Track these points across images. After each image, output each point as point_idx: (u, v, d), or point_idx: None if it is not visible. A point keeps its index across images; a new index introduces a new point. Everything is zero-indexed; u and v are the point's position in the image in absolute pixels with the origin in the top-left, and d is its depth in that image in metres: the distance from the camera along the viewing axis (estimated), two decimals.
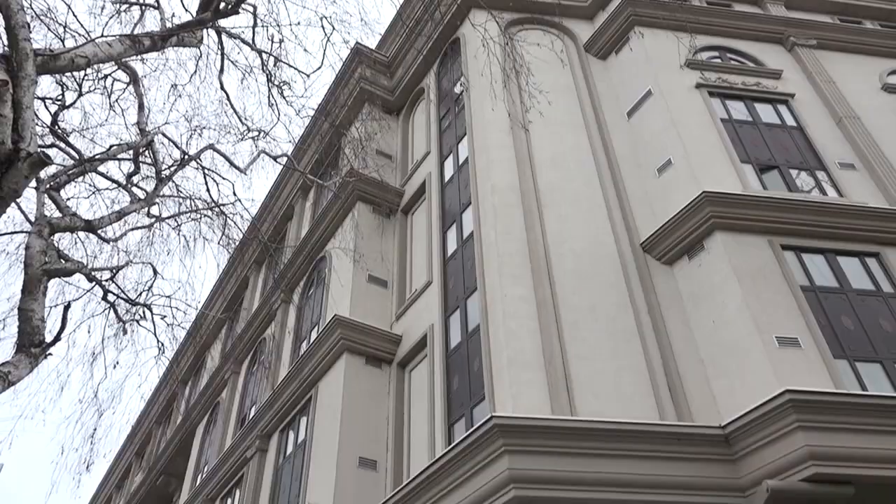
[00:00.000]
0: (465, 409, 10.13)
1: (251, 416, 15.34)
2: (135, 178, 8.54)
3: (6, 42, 5.07)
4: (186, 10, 8.41)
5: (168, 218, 8.94)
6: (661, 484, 8.01)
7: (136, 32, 7.22)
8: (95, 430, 8.09)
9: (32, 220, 7.13)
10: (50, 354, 6.31)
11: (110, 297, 8.06)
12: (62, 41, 7.94)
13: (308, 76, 9.28)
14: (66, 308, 6.62)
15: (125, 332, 8.05)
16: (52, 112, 8.34)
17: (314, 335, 14.30)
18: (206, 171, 9.05)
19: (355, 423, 11.46)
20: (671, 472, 8.08)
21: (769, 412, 7.77)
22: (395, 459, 11.11)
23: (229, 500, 15.71)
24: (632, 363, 9.45)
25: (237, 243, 9.33)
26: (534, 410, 8.67)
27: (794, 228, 10.12)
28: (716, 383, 9.06)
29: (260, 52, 8.71)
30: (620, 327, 9.83)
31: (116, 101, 9.34)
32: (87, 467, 7.94)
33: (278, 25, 8.89)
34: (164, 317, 8.27)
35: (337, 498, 10.40)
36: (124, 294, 8.10)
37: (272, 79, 8.94)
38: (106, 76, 8.98)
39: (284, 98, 9.21)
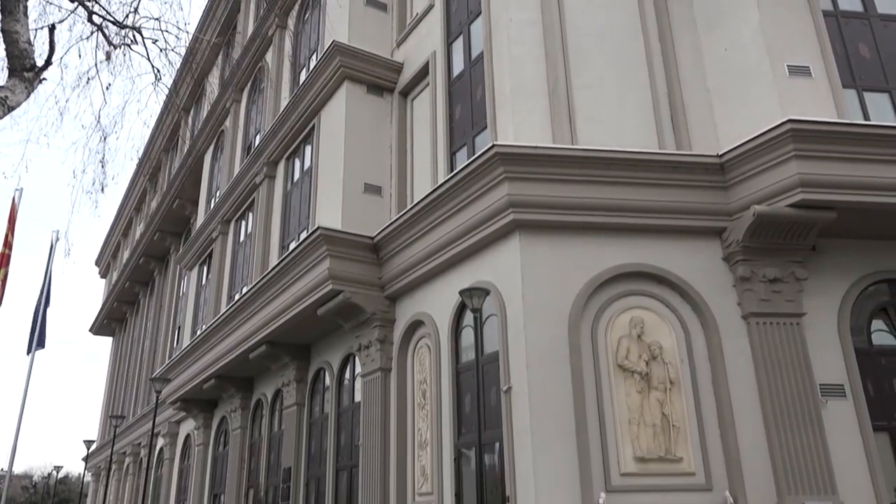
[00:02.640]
0: (466, 137, 10.23)
1: (257, 144, 15.57)
2: None
3: None
4: None
5: None
6: (653, 209, 8.40)
7: None
8: (104, 156, 8.20)
9: None
10: (44, 79, 6.18)
11: (96, 19, 7.64)
12: None
13: None
14: (52, 29, 6.32)
15: (109, 57, 7.71)
16: None
17: (313, 62, 13.91)
18: None
19: (359, 151, 11.67)
20: (665, 198, 8.43)
21: (768, 141, 7.87)
22: (398, 185, 11.52)
23: (243, 222, 16.63)
24: (636, 92, 9.31)
25: None
26: (535, 139, 8.76)
27: None
28: (719, 113, 9.03)
29: None
30: (628, 54, 9.51)
31: None
32: (102, 188, 8.20)
33: None
34: (156, 41, 7.90)
35: (344, 220, 10.99)
36: (110, 15, 7.65)
37: None
38: None
39: None
